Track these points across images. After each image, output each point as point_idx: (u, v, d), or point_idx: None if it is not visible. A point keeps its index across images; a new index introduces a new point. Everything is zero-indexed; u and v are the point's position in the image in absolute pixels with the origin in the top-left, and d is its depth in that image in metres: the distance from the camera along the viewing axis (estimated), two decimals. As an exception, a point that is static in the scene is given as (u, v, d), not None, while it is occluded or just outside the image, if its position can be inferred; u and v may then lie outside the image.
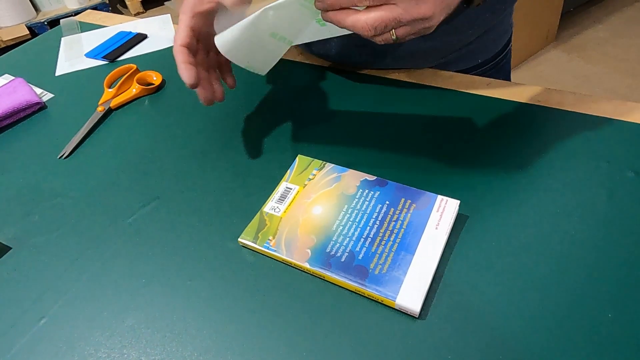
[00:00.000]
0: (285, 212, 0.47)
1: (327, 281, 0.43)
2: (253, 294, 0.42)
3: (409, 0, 0.38)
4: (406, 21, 0.39)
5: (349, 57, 0.65)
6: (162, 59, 0.76)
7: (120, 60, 0.76)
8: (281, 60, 0.54)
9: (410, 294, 0.40)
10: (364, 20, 0.39)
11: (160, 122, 0.63)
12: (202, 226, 0.49)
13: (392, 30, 0.40)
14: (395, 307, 0.40)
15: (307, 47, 0.68)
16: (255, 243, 0.45)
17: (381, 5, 0.38)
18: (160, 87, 0.69)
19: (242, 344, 0.39)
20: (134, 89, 0.67)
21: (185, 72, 0.48)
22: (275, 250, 0.44)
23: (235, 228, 0.47)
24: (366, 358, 0.38)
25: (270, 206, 0.48)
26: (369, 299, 0.41)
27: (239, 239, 0.46)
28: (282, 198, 0.49)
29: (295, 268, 0.44)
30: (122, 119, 0.64)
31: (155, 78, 0.69)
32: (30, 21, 2.49)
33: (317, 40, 0.61)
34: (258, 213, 0.48)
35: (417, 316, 0.40)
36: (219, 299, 0.42)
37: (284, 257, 0.44)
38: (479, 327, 0.39)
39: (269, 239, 0.45)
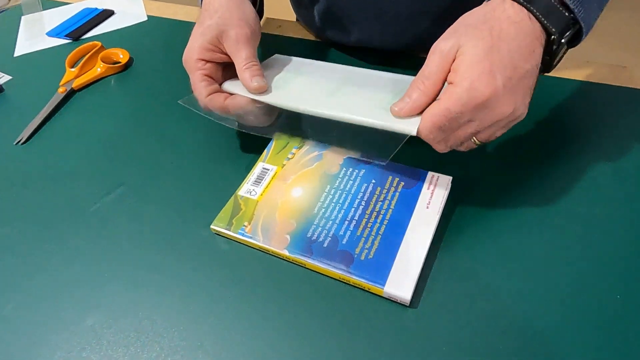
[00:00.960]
0: (262, 195, 0.43)
1: (309, 269, 0.39)
2: (228, 286, 0.38)
3: (481, 110, 0.35)
4: (485, 128, 0.37)
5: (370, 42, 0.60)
6: (130, 36, 0.70)
7: (85, 39, 0.71)
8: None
9: (400, 280, 0.36)
10: (442, 147, 0.38)
11: (128, 103, 0.58)
12: (172, 214, 0.44)
13: (473, 138, 0.38)
14: (384, 296, 0.36)
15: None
16: (229, 230, 0.41)
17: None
18: (127, 66, 0.63)
19: (215, 342, 0.35)
20: (99, 68, 0.62)
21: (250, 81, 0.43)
22: (251, 237, 0.40)
23: (208, 215, 0.43)
24: (354, 351, 0.34)
25: (246, 189, 0.44)
26: (355, 287, 0.37)
27: (211, 226, 0.42)
28: (259, 180, 0.45)
29: (274, 256, 0.40)
30: (86, 101, 0.59)
31: (122, 56, 0.64)
32: None
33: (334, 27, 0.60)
34: (232, 197, 0.44)
35: (407, 304, 0.36)
36: (190, 292, 0.38)
37: (260, 244, 0.40)
38: (475, 316, 0.35)
39: (244, 225, 0.41)
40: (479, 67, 0.34)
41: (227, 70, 0.47)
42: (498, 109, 0.35)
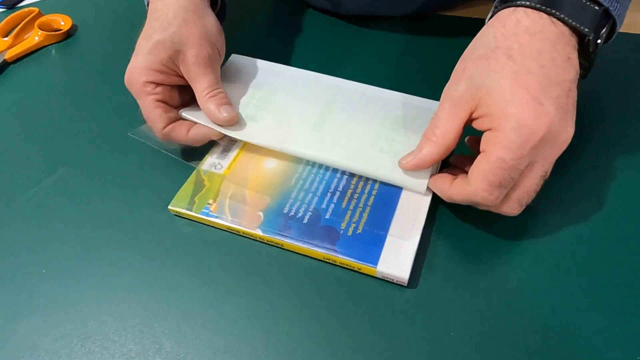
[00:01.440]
0: (228, 168, 0.37)
1: (287, 250, 0.33)
2: (191, 276, 0.32)
3: (542, 147, 0.28)
4: (551, 166, 0.29)
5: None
6: (73, 0, 0.62)
7: (22, 6, 0.62)
8: None
9: (395, 257, 0.31)
10: (514, 207, 0.30)
11: (71, 75, 0.50)
12: (124, 195, 0.38)
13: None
14: (377, 276, 0.31)
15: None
16: (191, 210, 0.35)
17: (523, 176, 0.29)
18: (70, 34, 0.55)
19: (177, 343, 0.29)
20: (36, 37, 0.54)
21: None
22: (217, 217, 0.34)
23: (166, 194, 0.36)
24: (344, 343, 0.29)
25: (210, 163, 0.38)
26: (343, 268, 0.32)
27: (170, 207, 0.35)
28: (225, 152, 0.38)
29: (245, 237, 0.34)
30: (21, 74, 0.51)
31: (63, 23, 0.55)
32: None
33: None
34: (194, 172, 0.37)
35: (405, 285, 0.31)
36: (146, 286, 0.32)
37: (228, 224, 0.34)
38: (485, 296, 0.30)
39: (208, 204, 0.35)
40: (517, 99, 0.27)
41: (185, 91, 0.39)
42: (560, 138, 0.28)
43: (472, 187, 0.29)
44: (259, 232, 0.33)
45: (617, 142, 0.38)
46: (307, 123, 0.38)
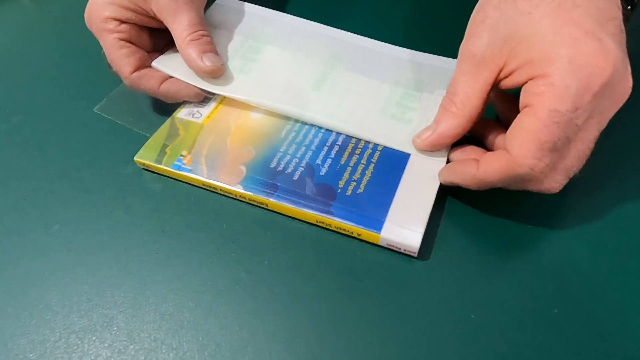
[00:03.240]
0: (209, 117, 0.31)
1: (273, 211, 0.27)
2: (156, 238, 0.27)
3: (603, 93, 0.21)
4: (605, 124, 0.23)
5: None
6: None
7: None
8: None
9: (405, 221, 0.25)
10: (561, 179, 0.23)
11: (40, 19, 0.44)
12: (85, 147, 0.32)
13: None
14: (381, 244, 0.25)
15: None
16: (161, 162, 0.29)
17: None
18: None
19: (133, 317, 0.24)
20: (7, -21, 0.48)
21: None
22: (191, 171, 0.28)
23: (134, 145, 0.31)
24: (341, 321, 0.23)
25: (187, 111, 0.32)
26: (340, 233, 0.26)
27: (136, 157, 0.30)
28: (207, 99, 0.32)
29: (224, 195, 0.28)
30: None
31: (38, -35, 0.50)
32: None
33: None
34: (168, 120, 0.31)
35: (415, 255, 0.25)
36: (100, 248, 0.26)
37: (204, 179, 0.28)
38: (507, 273, 0.25)
39: (181, 155, 0.29)
40: (566, 36, 0.21)
41: (159, 36, 0.33)
42: (620, 87, 0.21)
43: (515, 154, 0.22)
44: (239, 189, 0.27)
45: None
46: (306, 80, 0.32)
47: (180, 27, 0.30)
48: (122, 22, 0.31)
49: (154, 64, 0.32)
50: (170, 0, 0.30)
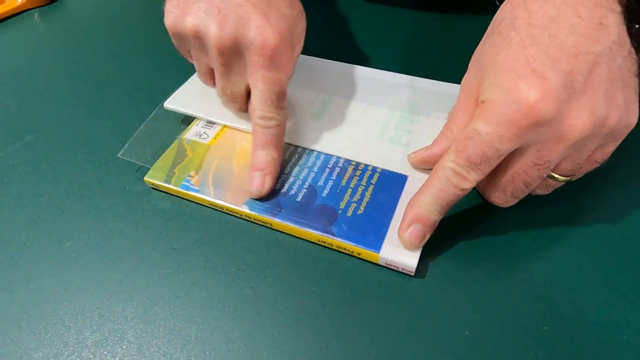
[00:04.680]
0: (215, 138, 0.33)
1: (277, 231, 0.29)
2: (165, 255, 0.28)
3: (535, 128, 0.22)
4: (557, 155, 0.23)
5: None
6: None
7: (8, -28, 0.58)
8: None
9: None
10: (499, 196, 0.26)
11: (53, 40, 0.46)
12: (96, 165, 0.33)
13: (552, 174, 0.25)
14: (380, 263, 0.26)
15: None
16: (170, 182, 0.30)
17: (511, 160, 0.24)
18: (56, -2, 0.52)
19: (143, 331, 0.25)
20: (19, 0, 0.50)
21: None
22: (198, 191, 0.30)
23: (143, 165, 0.32)
24: (339, 339, 0.24)
25: (195, 132, 0.33)
26: (340, 252, 0.27)
27: (146, 178, 0.31)
28: (212, 120, 0.34)
29: (230, 214, 0.30)
30: (1, 37, 0.47)
31: (49, -14, 0.52)
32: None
33: None
34: (175, 141, 0.33)
35: (412, 274, 0.26)
36: (111, 265, 0.28)
37: (211, 199, 0.29)
38: (500, 292, 0.26)
39: (189, 176, 0.30)
40: (514, 72, 0.22)
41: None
42: (566, 122, 0.22)
43: (442, 158, 0.25)
44: (245, 209, 0.29)
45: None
46: (308, 110, 0.34)
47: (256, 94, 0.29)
48: None
49: (166, 104, 0.34)
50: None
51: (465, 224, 0.28)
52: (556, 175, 0.25)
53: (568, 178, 0.26)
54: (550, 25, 0.22)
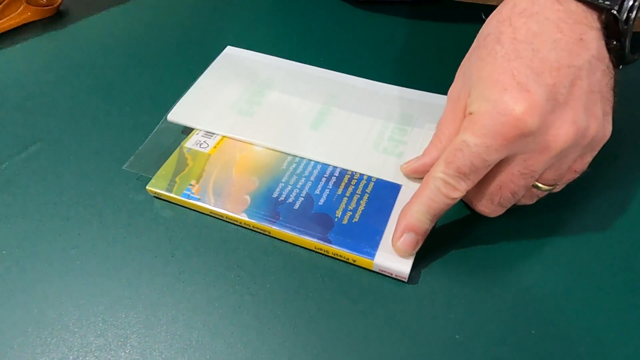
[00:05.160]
0: (215, 147, 0.34)
1: (275, 238, 0.30)
2: (166, 262, 0.29)
3: (520, 139, 0.23)
4: (542, 165, 0.24)
5: None
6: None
7: (13, -16, 0.59)
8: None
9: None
10: (487, 206, 0.27)
11: (58, 52, 0.47)
12: (100, 174, 0.34)
13: (536, 184, 0.26)
14: (374, 269, 0.27)
15: None
16: (171, 191, 0.31)
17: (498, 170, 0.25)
18: (59, 10, 0.53)
19: (145, 336, 0.26)
20: (24, 12, 0.51)
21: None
22: (199, 199, 0.31)
23: (145, 174, 0.33)
24: (335, 343, 0.25)
25: (195, 141, 0.34)
26: (336, 259, 0.28)
27: (148, 187, 0.32)
28: (214, 132, 0.35)
29: (230, 222, 0.31)
30: (5, 49, 0.48)
31: (53, -2, 0.53)
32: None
33: None
34: (176, 150, 0.34)
35: (406, 280, 0.27)
36: (114, 271, 0.29)
37: (212, 207, 0.30)
38: (492, 294, 0.27)
39: (190, 185, 0.31)
40: (499, 84, 0.23)
41: None
42: (550, 132, 0.23)
43: (432, 169, 0.26)
44: (244, 217, 0.30)
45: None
46: (305, 121, 0.35)
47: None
48: None
49: (169, 117, 0.35)
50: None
51: (456, 233, 0.29)
52: (540, 185, 0.26)
53: (551, 188, 0.27)
54: (533, 40, 0.24)
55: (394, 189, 0.30)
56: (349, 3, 0.50)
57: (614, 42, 0.25)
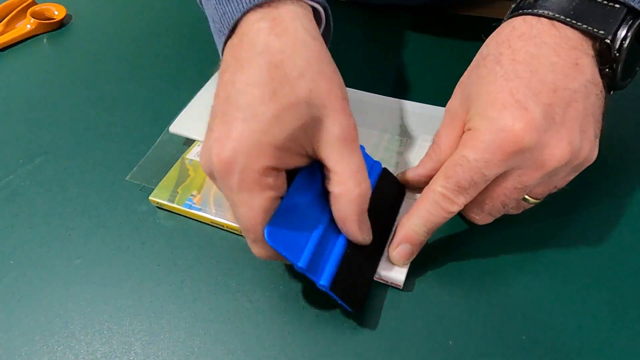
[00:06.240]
0: (216, 159, 0.35)
1: (274, 247, 0.31)
2: (168, 271, 0.30)
3: (517, 155, 0.24)
4: (535, 181, 0.25)
5: None
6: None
7: (17, -3, 0.61)
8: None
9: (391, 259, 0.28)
10: (478, 214, 0.28)
11: (61, 64, 0.48)
12: (103, 186, 0.35)
13: (526, 197, 0.27)
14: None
15: None
16: (173, 201, 0.32)
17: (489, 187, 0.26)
18: (63, 24, 0.54)
19: (149, 343, 0.27)
20: (28, 25, 0.52)
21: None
22: (200, 209, 0.32)
23: (148, 185, 0.34)
24: (334, 345, 0.26)
25: (196, 152, 0.35)
26: (333, 268, 0.29)
27: (151, 197, 0.33)
28: (213, 143, 0.36)
29: (230, 231, 0.32)
30: (11, 61, 0.49)
31: (57, 12, 0.54)
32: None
33: None
34: (178, 161, 0.35)
35: (401, 287, 0.28)
36: (118, 280, 0.29)
37: (212, 217, 0.31)
38: (482, 304, 0.28)
39: (192, 195, 0.32)
40: (499, 102, 0.24)
41: None
42: (546, 150, 0.24)
43: (435, 179, 0.26)
44: (244, 227, 0.30)
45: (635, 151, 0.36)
46: None
47: (345, 171, 0.24)
48: (279, 171, 0.24)
49: (171, 129, 0.36)
50: (340, 141, 0.24)
51: (450, 243, 0.30)
52: (528, 198, 0.27)
53: (538, 201, 0.28)
54: (531, 62, 0.25)
55: (390, 198, 0.31)
56: (348, 7, 0.51)
57: (607, 69, 0.26)
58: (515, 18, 0.27)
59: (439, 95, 0.32)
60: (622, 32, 0.25)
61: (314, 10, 0.28)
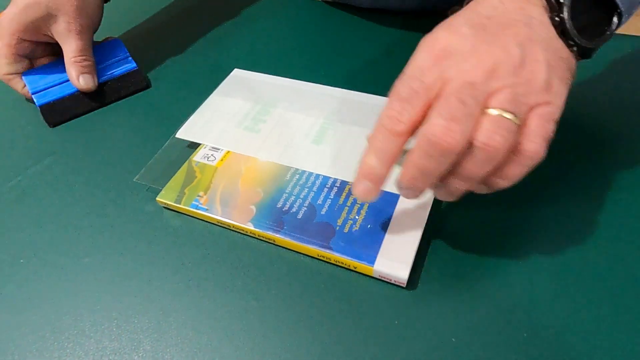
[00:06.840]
0: (222, 160, 0.35)
1: (280, 246, 0.31)
2: (176, 270, 0.30)
3: (443, 60, 0.25)
4: (482, 92, 0.24)
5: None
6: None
7: None
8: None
9: (394, 256, 0.29)
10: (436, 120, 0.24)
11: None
12: (112, 186, 0.36)
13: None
14: (374, 276, 0.29)
15: None
16: (180, 202, 0.33)
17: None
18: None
19: (157, 340, 0.27)
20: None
21: None
22: (207, 210, 0.32)
23: (156, 185, 0.35)
24: (337, 346, 0.26)
25: (203, 154, 0.36)
26: (338, 266, 0.30)
27: (158, 198, 0.33)
28: (220, 148, 0.37)
29: (236, 232, 0.32)
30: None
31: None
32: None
33: None
34: (185, 163, 0.35)
35: (404, 285, 0.28)
36: (127, 279, 0.30)
37: (219, 217, 0.32)
38: (485, 301, 0.28)
39: (198, 196, 0.33)
40: (435, 31, 0.26)
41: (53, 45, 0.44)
42: (477, 54, 0.24)
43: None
44: (250, 227, 0.31)
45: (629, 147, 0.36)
46: (307, 136, 0.36)
47: (69, 50, 0.42)
48: (25, 40, 0.42)
49: (178, 135, 0.37)
50: (65, 30, 0.41)
51: (451, 241, 0.31)
52: (498, 111, 0.23)
53: (512, 115, 0.23)
54: (475, 8, 0.26)
55: (393, 198, 0.32)
56: (347, 12, 0.51)
57: (556, 17, 0.25)
58: None
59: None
60: None
61: None
